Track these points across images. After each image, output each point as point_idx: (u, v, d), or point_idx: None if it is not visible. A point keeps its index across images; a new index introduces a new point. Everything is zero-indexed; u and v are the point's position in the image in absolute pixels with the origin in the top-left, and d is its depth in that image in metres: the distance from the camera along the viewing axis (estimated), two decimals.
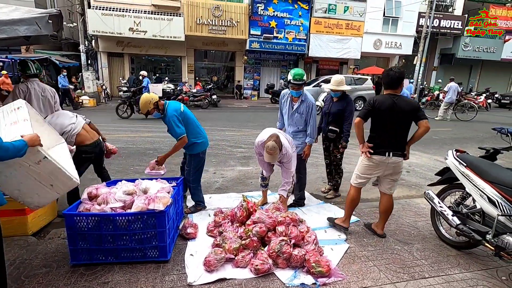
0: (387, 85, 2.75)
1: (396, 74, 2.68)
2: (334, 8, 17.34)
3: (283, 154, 3.08)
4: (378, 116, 2.69)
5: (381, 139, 2.74)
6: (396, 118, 2.66)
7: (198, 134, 3.31)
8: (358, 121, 2.74)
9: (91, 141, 3.13)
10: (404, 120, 2.68)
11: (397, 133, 2.73)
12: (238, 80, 18.77)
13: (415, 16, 18.59)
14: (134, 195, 2.51)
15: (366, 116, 2.74)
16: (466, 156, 2.74)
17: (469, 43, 19.60)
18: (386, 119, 2.68)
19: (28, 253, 2.55)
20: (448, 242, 2.85)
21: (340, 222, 3.03)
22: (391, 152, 2.71)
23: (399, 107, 2.64)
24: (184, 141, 3.11)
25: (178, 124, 3.07)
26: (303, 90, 3.37)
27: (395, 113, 2.65)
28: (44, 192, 2.09)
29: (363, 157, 2.87)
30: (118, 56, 17.04)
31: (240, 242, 2.51)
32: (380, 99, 2.71)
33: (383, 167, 2.78)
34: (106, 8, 14.75)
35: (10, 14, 2.48)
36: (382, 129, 2.72)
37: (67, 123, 3.02)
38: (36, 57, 14.74)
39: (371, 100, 2.75)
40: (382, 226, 3.00)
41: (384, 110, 2.66)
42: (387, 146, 2.72)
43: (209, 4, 15.82)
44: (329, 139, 3.84)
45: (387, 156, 2.71)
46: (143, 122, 9.64)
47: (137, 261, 2.42)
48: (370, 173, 2.85)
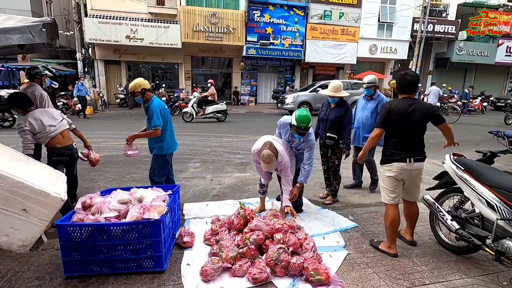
0: (402, 89, 2.67)
1: (412, 78, 2.62)
2: (330, 14, 17.54)
3: (279, 162, 3.05)
4: (395, 120, 2.61)
5: (399, 146, 2.65)
6: (414, 122, 2.59)
7: (169, 136, 3.45)
8: (379, 133, 2.68)
9: (62, 145, 3.22)
10: (421, 123, 2.62)
11: (415, 138, 2.65)
12: (235, 86, 18.82)
13: (409, 21, 18.84)
14: (129, 204, 2.46)
15: (385, 123, 2.66)
16: (463, 159, 2.73)
17: (463, 47, 19.83)
18: (403, 124, 2.60)
19: (21, 265, 2.49)
20: (447, 247, 2.82)
21: (385, 249, 2.73)
22: (412, 158, 2.63)
23: (416, 110, 2.58)
24: (157, 133, 3.28)
25: (159, 116, 3.25)
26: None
27: (412, 117, 2.58)
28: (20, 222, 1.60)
29: (383, 170, 2.76)
30: (115, 63, 17.07)
31: (237, 250, 2.47)
32: (396, 103, 2.65)
33: (406, 175, 2.66)
34: (103, 17, 14.83)
35: (3, 23, 2.47)
36: (400, 134, 2.64)
37: (47, 124, 3.12)
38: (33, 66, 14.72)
39: (387, 104, 2.70)
40: (411, 232, 2.92)
41: (401, 114, 2.59)
42: (407, 152, 2.63)
43: (206, 11, 15.95)
44: (327, 146, 3.82)
45: (409, 163, 2.62)
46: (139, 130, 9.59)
47: (132, 271, 2.37)
48: (397, 184, 2.70)
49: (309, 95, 13.95)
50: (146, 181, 4.67)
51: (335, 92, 3.68)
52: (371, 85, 4.08)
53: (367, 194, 4.37)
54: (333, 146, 3.75)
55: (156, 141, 3.39)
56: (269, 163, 2.88)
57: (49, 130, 3.11)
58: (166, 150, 3.46)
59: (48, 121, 3.15)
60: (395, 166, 2.65)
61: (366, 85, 4.10)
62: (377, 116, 3.93)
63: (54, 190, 1.83)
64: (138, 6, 15.53)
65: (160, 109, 3.28)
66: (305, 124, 3.03)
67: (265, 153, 2.86)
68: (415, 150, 2.65)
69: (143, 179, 4.86)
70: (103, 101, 15.52)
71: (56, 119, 3.24)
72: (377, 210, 3.65)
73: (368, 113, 4.08)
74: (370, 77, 4.13)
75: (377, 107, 4.01)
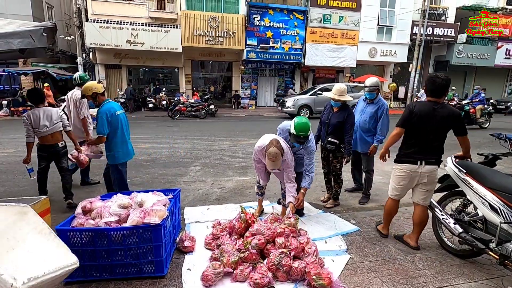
0: (430, 92, 2.62)
1: (442, 82, 2.55)
2: (329, 18, 17.62)
3: (284, 160, 3.03)
4: (415, 122, 2.59)
5: (413, 147, 2.65)
6: (434, 126, 2.56)
7: (120, 145, 3.35)
8: (398, 132, 2.66)
9: (49, 143, 3.66)
10: (442, 129, 2.58)
11: (432, 142, 2.63)
12: (235, 89, 18.86)
13: (408, 24, 18.91)
14: (130, 209, 2.45)
15: (405, 123, 2.63)
16: (465, 162, 2.72)
17: (462, 50, 19.89)
18: (422, 126, 2.58)
19: None
20: (451, 251, 2.80)
21: (380, 229, 3.14)
22: (423, 160, 2.62)
23: (439, 116, 2.54)
24: (102, 140, 3.28)
25: (104, 123, 3.19)
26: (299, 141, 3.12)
27: (433, 122, 2.55)
28: None
29: (394, 167, 2.82)
30: (115, 68, 17.12)
31: (239, 255, 2.44)
32: (420, 105, 2.62)
33: (417, 176, 2.68)
34: (103, 21, 14.90)
35: (4, 28, 2.47)
36: (416, 136, 2.63)
37: (42, 123, 3.55)
38: (34, 70, 14.83)
39: (410, 105, 2.68)
40: (416, 238, 2.88)
41: (422, 117, 2.56)
42: (419, 154, 2.63)
43: (206, 15, 16.03)
44: (328, 150, 3.78)
45: (419, 165, 2.63)
46: (141, 134, 9.59)
47: (133, 277, 2.35)
48: (405, 183, 2.76)
49: (309, 98, 13.96)
50: (146, 185, 4.66)
51: (339, 95, 3.60)
52: (374, 88, 3.88)
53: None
54: (334, 150, 3.72)
55: (107, 149, 3.35)
56: (275, 161, 2.85)
57: (41, 129, 3.56)
58: (118, 160, 3.36)
59: (44, 121, 3.56)
60: (405, 168, 2.70)
61: (369, 89, 3.89)
62: (375, 121, 3.85)
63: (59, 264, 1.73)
64: (138, 11, 15.62)
65: (108, 115, 3.18)
66: (304, 133, 2.96)
67: (271, 150, 2.83)
68: (429, 153, 2.64)
69: (144, 183, 4.85)
70: None
71: (52, 121, 3.64)
72: (379, 214, 3.63)
73: (367, 117, 3.90)
74: (372, 80, 3.92)
75: (377, 112, 3.84)
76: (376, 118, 3.87)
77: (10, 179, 4.94)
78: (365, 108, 4.00)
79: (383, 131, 3.83)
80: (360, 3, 17.76)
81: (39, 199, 2.99)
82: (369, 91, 3.89)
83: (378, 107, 3.87)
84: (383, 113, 3.82)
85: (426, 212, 2.84)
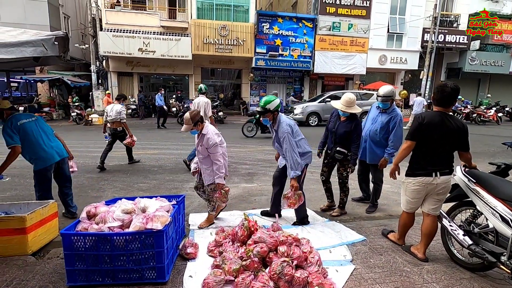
0: (439, 102, 2.57)
1: (451, 91, 2.49)
2: (339, 26, 17.64)
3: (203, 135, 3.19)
4: (426, 133, 2.54)
5: (426, 159, 2.59)
6: (445, 136, 2.51)
7: (36, 151, 3.34)
8: (409, 145, 2.59)
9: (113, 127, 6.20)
10: (452, 140, 2.53)
11: (444, 152, 2.58)
12: (244, 97, 18.98)
13: (419, 31, 18.74)
14: (133, 214, 2.47)
15: (415, 135, 2.57)
16: (475, 172, 2.64)
17: (475, 57, 19.52)
18: (434, 137, 2.52)
19: (26, 273, 2.51)
20: (460, 264, 2.69)
21: (394, 239, 3.08)
22: (438, 172, 2.57)
23: (450, 125, 2.49)
24: (15, 151, 3.19)
25: (11, 134, 3.18)
26: (272, 119, 3.19)
27: (444, 131, 2.50)
28: None
29: (407, 182, 2.73)
30: (127, 75, 17.53)
31: (241, 263, 2.42)
32: (430, 116, 2.56)
33: (432, 188, 2.62)
34: (117, 30, 15.35)
35: (17, 37, 2.58)
36: (428, 147, 2.57)
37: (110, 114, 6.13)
38: (49, 78, 15.33)
39: (419, 116, 2.60)
40: (424, 250, 2.79)
41: (433, 128, 2.51)
42: (433, 166, 2.58)
43: (216, 24, 16.31)
44: (336, 159, 3.68)
45: (434, 177, 2.58)
46: (150, 140, 9.73)
47: (135, 282, 2.35)
48: (420, 196, 2.70)
49: (318, 105, 13.92)
50: (153, 191, 4.70)
51: (348, 107, 3.48)
52: (388, 98, 3.64)
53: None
54: (341, 160, 3.65)
55: (30, 156, 3.36)
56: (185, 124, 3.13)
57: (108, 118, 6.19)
58: (41, 165, 3.38)
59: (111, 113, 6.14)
60: (421, 181, 2.62)
61: (382, 98, 3.65)
62: (386, 132, 3.67)
63: None
64: (151, 20, 16.04)
65: (9, 127, 3.18)
66: (262, 104, 3.14)
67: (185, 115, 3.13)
68: (443, 164, 2.59)
69: (150, 189, 4.89)
70: None
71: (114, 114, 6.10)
72: (386, 224, 3.54)
73: (378, 127, 3.71)
74: (386, 89, 3.65)
75: (389, 123, 3.62)
76: (387, 129, 3.66)
77: (22, 183, 5.07)
78: (377, 117, 3.79)
79: (395, 144, 3.60)
80: (370, 11, 17.75)
81: (47, 203, 3.07)
82: (382, 100, 3.67)
83: (391, 117, 3.64)
84: (396, 125, 3.59)
85: (436, 222, 2.76)
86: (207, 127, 3.24)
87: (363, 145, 3.88)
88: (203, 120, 3.25)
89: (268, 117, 3.18)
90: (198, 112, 3.17)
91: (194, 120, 3.09)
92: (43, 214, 2.95)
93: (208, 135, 3.16)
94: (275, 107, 3.14)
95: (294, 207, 3.22)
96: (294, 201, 3.18)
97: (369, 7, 17.70)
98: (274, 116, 3.21)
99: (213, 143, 3.13)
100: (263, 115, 3.18)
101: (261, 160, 7.03)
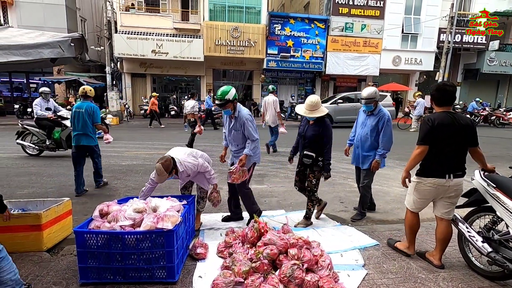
0: (441, 102, 2.55)
1: (453, 89, 2.53)
2: (351, 27, 17.44)
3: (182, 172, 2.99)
4: (438, 135, 2.47)
5: (439, 161, 2.52)
6: (457, 136, 2.47)
7: None
8: (423, 150, 2.50)
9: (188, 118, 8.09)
10: (464, 138, 2.49)
11: (457, 153, 2.52)
12: (254, 98, 19.00)
13: (435, 32, 18.30)
14: (144, 213, 2.49)
15: (428, 139, 2.49)
16: (495, 176, 2.53)
17: (494, 58, 18.90)
18: (446, 138, 2.47)
19: (41, 269, 2.57)
20: (479, 272, 2.58)
21: (403, 248, 2.87)
22: (452, 174, 2.50)
23: (460, 124, 2.46)
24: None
25: None
26: (232, 108, 3.24)
27: (456, 131, 2.45)
28: None
29: (417, 180, 2.64)
30: (141, 76, 17.86)
31: (250, 264, 2.40)
32: (439, 116, 2.50)
33: (443, 190, 2.55)
34: (131, 33, 15.67)
35: (35, 39, 2.65)
36: (441, 149, 2.50)
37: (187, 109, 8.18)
38: (66, 79, 15.77)
39: (429, 119, 2.52)
40: (439, 256, 2.70)
41: (445, 129, 2.45)
42: (447, 167, 2.51)
43: (228, 26, 16.41)
44: (305, 164, 3.42)
45: (447, 179, 2.51)
46: (162, 140, 9.85)
47: (145, 281, 2.37)
48: (429, 197, 2.63)
49: (329, 107, 13.75)
50: (164, 191, 4.75)
51: (311, 110, 3.27)
52: (371, 100, 3.52)
53: (389, 210, 4.16)
54: (312, 164, 3.37)
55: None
56: (159, 175, 2.84)
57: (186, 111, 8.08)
58: None
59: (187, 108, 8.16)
60: (433, 181, 2.55)
61: (365, 101, 3.53)
62: (377, 134, 3.53)
63: None
64: (164, 22, 16.30)
65: None
66: (220, 96, 3.13)
67: (156, 166, 2.82)
68: (456, 165, 2.53)
69: (161, 188, 4.93)
70: (128, 112, 16.19)
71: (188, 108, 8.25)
72: (399, 228, 3.45)
73: (368, 130, 3.59)
74: (369, 91, 3.54)
75: (378, 124, 3.52)
76: (377, 131, 3.54)
77: (38, 181, 5.21)
78: (366, 120, 3.67)
79: (385, 145, 3.51)
80: (384, 11, 17.47)
81: (61, 201, 3.14)
82: (365, 103, 3.56)
83: (379, 118, 3.53)
84: (384, 124, 3.49)
85: (450, 227, 2.66)
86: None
87: (356, 151, 3.76)
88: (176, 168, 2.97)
89: (229, 107, 3.22)
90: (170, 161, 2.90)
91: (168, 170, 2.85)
92: (57, 212, 3.02)
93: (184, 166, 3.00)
94: (233, 96, 3.20)
95: (237, 181, 3.29)
96: (238, 176, 3.27)
97: (383, 7, 17.43)
98: (234, 105, 3.26)
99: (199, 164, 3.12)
100: (224, 107, 3.20)
101: (271, 162, 7.00)
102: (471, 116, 15.82)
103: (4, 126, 12.85)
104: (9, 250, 2.76)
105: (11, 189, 4.72)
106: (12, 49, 2.42)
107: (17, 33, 2.92)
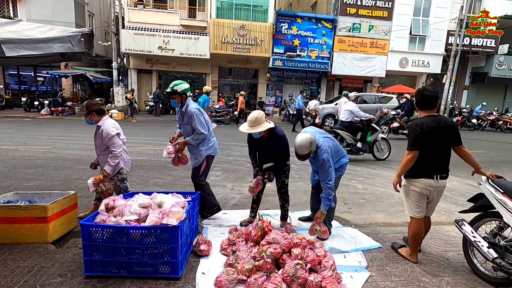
0: (423, 106, 2.64)
1: (432, 94, 2.61)
2: (359, 27, 17.33)
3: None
4: (428, 139, 2.55)
5: (426, 163, 2.59)
6: (443, 138, 2.56)
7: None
8: (414, 155, 2.55)
9: None
10: (448, 140, 2.59)
11: (443, 154, 2.61)
12: (260, 96, 18.99)
13: (443, 34, 18.11)
14: (149, 209, 2.51)
15: (418, 144, 2.55)
16: (502, 181, 2.50)
17: (503, 62, 18.65)
18: (433, 141, 2.55)
19: (46, 261, 2.60)
20: (483, 277, 2.56)
21: (406, 255, 2.86)
22: (438, 175, 2.59)
23: (444, 127, 2.56)
24: None
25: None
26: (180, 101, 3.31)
27: (442, 133, 2.55)
28: None
29: (408, 184, 2.71)
30: (147, 72, 17.91)
31: (253, 263, 2.41)
32: (426, 121, 2.58)
33: (432, 191, 2.64)
34: (138, 28, 15.71)
35: (46, 33, 2.67)
36: (428, 151, 2.57)
37: None
38: (73, 73, 15.88)
39: (417, 124, 2.58)
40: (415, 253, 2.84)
41: (432, 132, 2.53)
42: (434, 169, 2.60)
43: (235, 24, 16.40)
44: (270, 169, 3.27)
45: (435, 180, 2.59)
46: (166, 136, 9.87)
47: (149, 276, 2.39)
48: (423, 198, 2.68)
49: (334, 107, 13.68)
50: (169, 187, 4.78)
51: (253, 127, 2.95)
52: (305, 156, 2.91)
53: (393, 212, 4.14)
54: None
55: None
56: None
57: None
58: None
59: None
60: (423, 182, 2.62)
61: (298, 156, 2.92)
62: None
63: None
64: (171, 19, 16.31)
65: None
66: (170, 87, 3.27)
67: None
68: (441, 167, 2.63)
69: (166, 184, 4.97)
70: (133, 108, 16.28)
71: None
72: (403, 231, 3.43)
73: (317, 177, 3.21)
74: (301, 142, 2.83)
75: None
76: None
77: (45, 174, 5.27)
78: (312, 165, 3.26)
79: (326, 191, 2.94)
80: (392, 12, 17.32)
81: (67, 194, 3.17)
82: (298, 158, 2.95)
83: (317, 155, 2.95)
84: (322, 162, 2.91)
85: (429, 220, 2.85)
86: (104, 120, 3.21)
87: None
88: (102, 113, 3.22)
89: (176, 98, 3.29)
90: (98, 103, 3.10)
91: (89, 109, 3.09)
92: (63, 205, 3.05)
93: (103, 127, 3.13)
94: (182, 90, 3.28)
95: (176, 165, 3.60)
96: (176, 162, 3.57)
97: (391, 9, 17.28)
98: (182, 99, 3.32)
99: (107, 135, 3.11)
100: (172, 97, 3.30)
101: None
102: (477, 120, 15.66)
103: (12, 119, 13.00)
104: (15, 241, 2.82)
105: (18, 181, 4.78)
106: (23, 43, 2.44)
107: (28, 27, 2.94)
